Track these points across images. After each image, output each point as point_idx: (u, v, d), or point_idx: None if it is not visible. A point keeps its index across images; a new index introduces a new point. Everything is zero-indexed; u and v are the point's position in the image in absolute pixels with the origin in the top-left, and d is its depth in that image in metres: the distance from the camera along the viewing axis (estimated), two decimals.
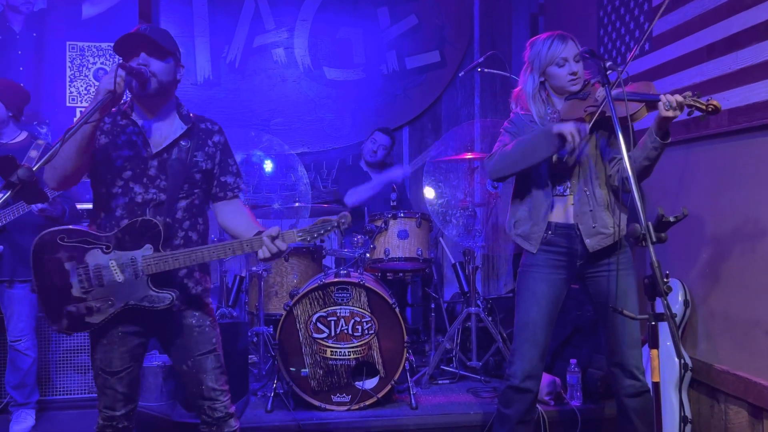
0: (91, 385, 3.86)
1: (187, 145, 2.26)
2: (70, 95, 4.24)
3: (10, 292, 3.47)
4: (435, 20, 5.28)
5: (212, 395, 2.31)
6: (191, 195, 2.29)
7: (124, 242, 2.16)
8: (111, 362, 2.23)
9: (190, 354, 2.30)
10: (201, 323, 2.31)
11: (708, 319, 3.12)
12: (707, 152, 3.12)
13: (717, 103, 2.19)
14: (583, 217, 2.55)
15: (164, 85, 2.20)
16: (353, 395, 3.37)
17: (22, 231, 3.44)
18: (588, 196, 2.55)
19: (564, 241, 2.58)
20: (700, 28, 3.10)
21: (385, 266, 3.89)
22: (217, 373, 2.32)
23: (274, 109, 5.07)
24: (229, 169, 2.37)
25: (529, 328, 2.61)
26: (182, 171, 2.24)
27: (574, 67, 2.54)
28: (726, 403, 2.97)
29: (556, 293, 2.62)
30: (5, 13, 4.20)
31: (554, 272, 2.61)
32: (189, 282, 2.30)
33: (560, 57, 2.54)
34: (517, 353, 2.63)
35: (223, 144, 2.36)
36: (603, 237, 2.54)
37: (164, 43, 2.19)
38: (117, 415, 2.27)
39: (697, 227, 3.15)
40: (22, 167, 1.73)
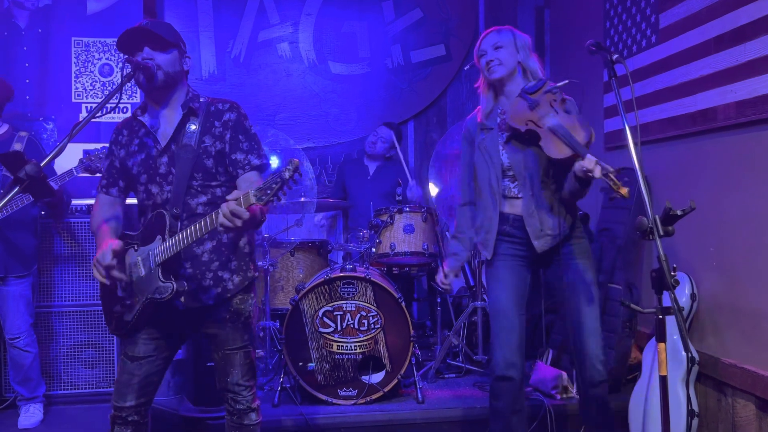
0: (99, 380, 3.89)
1: (196, 129, 2.25)
2: (75, 91, 4.24)
3: (4, 289, 3.48)
4: (440, 13, 5.26)
5: (235, 389, 2.33)
6: (209, 188, 2.26)
7: (146, 238, 2.23)
8: (135, 347, 2.28)
9: (221, 347, 2.32)
10: (235, 319, 2.31)
11: (715, 312, 3.11)
12: (715, 145, 3.11)
13: (625, 192, 2.16)
14: (530, 220, 2.60)
15: (170, 75, 2.22)
16: (360, 389, 3.37)
17: (14, 228, 3.46)
18: (532, 199, 2.59)
19: (520, 233, 2.64)
20: (708, 20, 3.08)
21: (391, 261, 3.89)
22: (244, 369, 2.34)
23: (279, 104, 5.07)
24: (239, 146, 2.27)
25: (501, 315, 2.66)
26: (190, 159, 2.22)
27: (489, 56, 2.63)
28: (733, 396, 2.96)
29: (520, 279, 2.68)
30: (11, 9, 4.20)
31: (515, 260, 2.68)
32: (224, 273, 2.29)
33: (480, 50, 2.67)
34: (495, 343, 2.67)
35: (234, 121, 2.28)
36: (550, 238, 2.59)
37: (166, 35, 2.20)
38: (126, 406, 2.27)
39: (705, 220, 3.14)
40: (30, 163, 1.74)
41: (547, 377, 3.41)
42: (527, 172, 2.58)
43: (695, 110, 3.18)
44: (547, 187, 2.58)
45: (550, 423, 3.22)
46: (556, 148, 2.37)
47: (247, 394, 2.35)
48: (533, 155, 2.56)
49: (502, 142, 2.63)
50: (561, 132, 2.37)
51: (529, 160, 2.57)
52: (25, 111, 4.15)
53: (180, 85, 2.29)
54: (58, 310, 3.85)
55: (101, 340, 3.90)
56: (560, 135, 2.37)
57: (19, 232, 3.50)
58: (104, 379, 3.89)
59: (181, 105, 2.28)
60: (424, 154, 5.26)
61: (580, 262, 2.63)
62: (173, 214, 2.19)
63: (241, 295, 2.32)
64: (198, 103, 2.29)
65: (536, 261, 2.71)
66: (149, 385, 2.31)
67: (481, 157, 2.67)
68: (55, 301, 3.83)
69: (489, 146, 2.65)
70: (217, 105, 2.32)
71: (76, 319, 3.89)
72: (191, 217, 2.22)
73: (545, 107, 2.49)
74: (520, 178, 2.60)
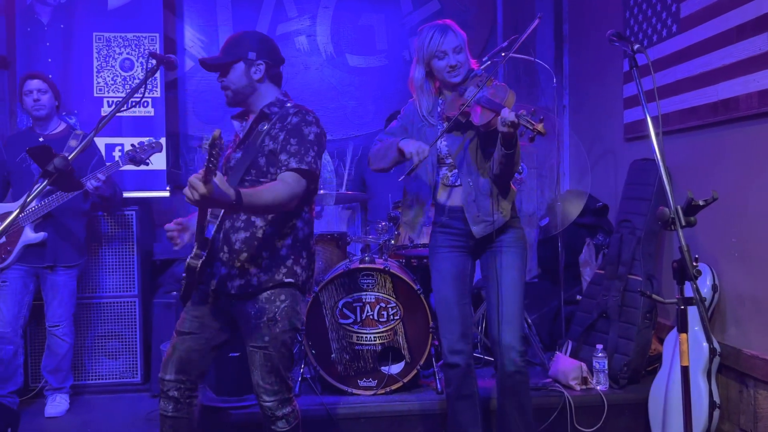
0: (122, 371, 3.95)
1: (264, 131, 2.33)
2: (97, 86, 4.29)
3: (52, 278, 3.57)
4: (457, 5, 5.24)
5: (258, 390, 2.36)
6: (258, 183, 2.28)
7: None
8: (184, 323, 2.40)
9: (245, 342, 2.37)
10: (259, 316, 2.31)
11: (737, 304, 3.09)
12: (736, 135, 3.08)
13: (541, 128, 2.28)
14: (469, 206, 2.65)
15: (240, 92, 2.38)
16: (379, 380, 3.40)
17: (67, 217, 3.55)
18: (471, 187, 2.65)
19: (458, 223, 2.70)
20: (730, 9, 3.04)
21: (410, 253, 3.90)
22: (264, 371, 2.32)
23: (297, 97, 4.98)
24: (287, 147, 2.27)
25: (442, 305, 2.75)
26: (249, 155, 2.32)
27: (453, 60, 2.59)
28: (755, 388, 2.94)
29: (460, 269, 2.75)
30: (33, 6, 4.26)
31: (454, 251, 2.75)
32: (251, 268, 2.30)
33: (439, 50, 2.59)
34: (440, 332, 2.77)
35: (294, 125, 2.29)
36: (487, 224, 2.66)
37: (220, 59, 2.36)
38: (166, 379, 2.37)
39: (726, 211, 3.11)
40: (59, 156, 1.78)
41: (567, 368, 3.41)
42: (466, 159, 2.65)
43: (717, 100, 3.15)
44: (485, 174, 2.64)
45: (570, 414, 3.23)
46: (482, 116, 2.48)
47: (269, 398, 2.33)
48: (472, 143, 2.63)
49: (441, 130, 2.65)
50: (483, 101, 2.48)
51: (469, 148, 2.64)
52: None
53: (256, 93, 2.40)
54: (83, 302, 3.91)
55: (125, 332, 3.97)
56: (483, 103, 2.48)
57: (72, 223, 3.59)
58: (128, 369, 3.96)
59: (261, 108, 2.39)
60: None
61: (512, 249, 2.70)
62: None
63: (267, 294, 2.32)
64: (277, 107, 2.37)
65: (475, 250, 2.77)
66: (190, 362, 2.37)
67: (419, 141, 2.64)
68: (81, 293, 3.89)
69: (428, 135, 2.69)
70: (289, 110, 2.37)
71: (101, 311, 3.96)
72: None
73: (472, 89, 2.58)
74: (460, 165, 2.66)
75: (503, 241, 2.70)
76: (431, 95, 2.73)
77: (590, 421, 3.25)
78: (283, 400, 2.35)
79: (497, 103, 2.43)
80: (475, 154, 2.65)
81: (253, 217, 2.31)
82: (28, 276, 3.54)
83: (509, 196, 2.71)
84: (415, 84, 2.72)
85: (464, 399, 2.74)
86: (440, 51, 2.59)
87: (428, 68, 2.67)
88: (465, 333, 2.72)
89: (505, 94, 2.48)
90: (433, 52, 2.61)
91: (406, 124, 2.78)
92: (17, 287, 3.49)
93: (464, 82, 2.64)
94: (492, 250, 2.72)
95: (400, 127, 2.80)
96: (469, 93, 2.58)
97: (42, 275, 3.57)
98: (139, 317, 3.98)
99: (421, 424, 3.28)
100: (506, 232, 2.71)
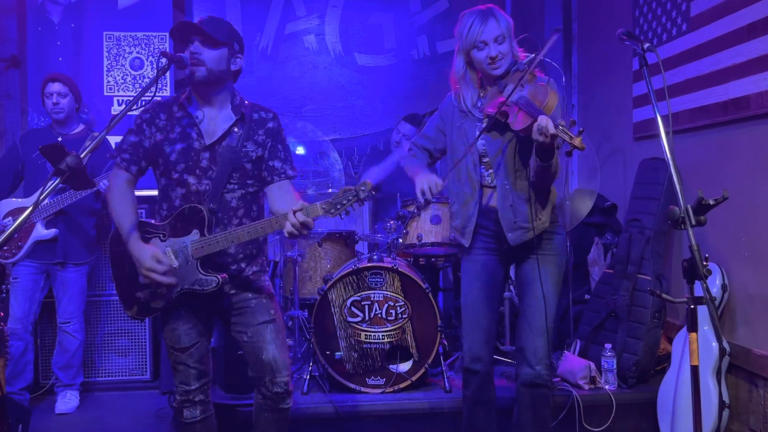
0: (132, 368, 3.98)
1: (239, 133, 2.31)
2: (107, 84, 4.32)
3: (63, 275, 3.60)
4: (466, 3, 5.17)
5: (273, 366, 2.34)
6: (245, 185, 2.34)
7: (176, 229, 2.27)
8: (179, 339, 2.36)
9: (249, 324, 2.37)
10: (257, 297, 2.39)
11: (747, 303, 3.07)
12: (747, 133, 3.06)
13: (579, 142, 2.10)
14: (504, 211, 2.52)
15: (214, 73, 2.28)
16: (388, 378, 3.41)
17: (78, 215, 3.59)
18: (508, 191, 2.51)
19: (492, 225, 2.58)
20: (741, 7, 3.03)
21: (418, 251, 3.90)
22: (277, 343, 2.36)
23: (306, 96, 5.11)
24: (277, 154, 2.38)
25: (469, 309, 2.64)
26: (231, 160, 2.30)
27: (494, 51, 2.41)
28: (765, 388, 2.93)
29: (491, 273, 2.63)
30: (44, 5, 4.29)
31: (487, 254, 2.63)
32: (243, 264, 2.37)
33: (479, 40, 2.41)
34: (463, 336, 2.67)
35: (275, 130, 2.39)
36: (523, 232, 2.52)
37: (216, 34, 2.26)
38: (191, 389, 2.39)
39: (736, 211, 3.10)
40: (71, 155, 1.79)
41: (575, 368, 3.41)
42: (504, 162, 2.50)
43: (727, 99, 3.13)
44: (522, 178, 2.49)
45: (578, 413, 3.22)
46: (521, 121, 2.29)
47: (286, 372, 2.37)
48: (510, 144, 2.48)
49: (481, 129, 2.49)
50: (522, 103, 2.30)
51: (506, 149, 2.49)
52: None
53: (226, 85, 2.35)
54: (93, 299, 3.94)
55: (134, 329, 3.99)
56: (521, 105, 2.29)
57: (82, 221, 3.62)
58: (137, 367, 3.98)
59: (232, 109, 2.35)
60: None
61: (549, 258, 2.58)
62: (210, 209, 2.26)
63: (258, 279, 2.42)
64: (244, 108, 2.37)
65: (510, 255, 2.65)
66: (205, 364, 2.42)
67: (460, 140, 2.58)
68: (91, 291, 3.92)
69: (468, 130, 2.55)
70: (260, 113, 2.40)
71: (110, 309, 3.98)
72: (226, 209, 2.31)
73: (513, 86, 2.39)
74: (497, 168, 2.52)
75: (541, 248, 2.56)
76: (474, 87, 2.54)
77: (599, 421, 3.25)
78: (291, 373, 2.42)
79: (536, 108, 2.26)
80: (513, 158, 2.49)
81: (245, 220, 2.34)
82: (38, 273, 3.57)
83: (549, 201, 2.55)
84: (457, 75, 2.54)
85: (482, 404, 2.68)
86: (480, 41, 2.40)
87: (468, 58, 2.49)
88: (489, 340, 2.63)
89: (545, 96, 2.30)
90: (473, 42, 2.41)
91: (442, 125, 2.67)
92: (28, 284, 3.52)
93: (506, 75, 2.45)
94: (529, 258, 2.58)
95: (435, 128, 2.70)
96: (508, 90, 2.38)
97: (52, 272, 3.60)
98: None
99: (429, 423, 3.28)
100: (544, 239, 2.56)
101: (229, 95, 2.36)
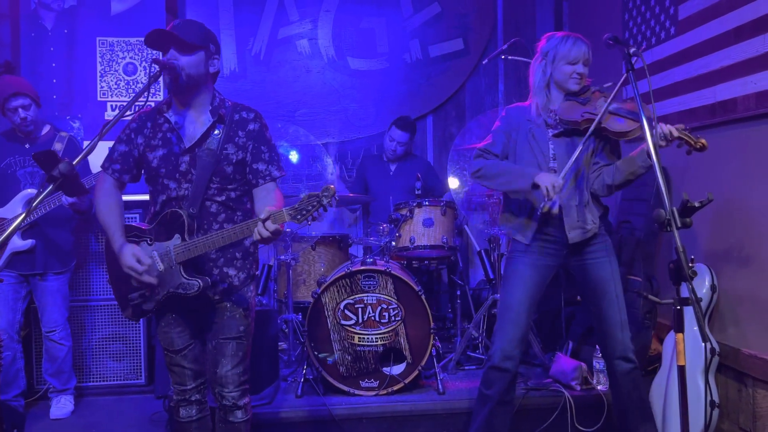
0: (126, 372, 3.98)
1: (219, 135, 2.31)
2: (100, 90, 4.33)
3: (43, 285, 3.58)
4: (458, 8, 5.27)
5: (222, 381, 2.37)
6: (225, 190, 2.33)
7: (160, 234, 2.30)
8: (172, 342, 2.40)
9: (215, 336, 2.39)
10: (234, 310, 2.39)
11: (735, 304, 3.11)
12: (734, 136, 3.10)
13: (704, 141, 2.38)
14: (569, 211, 2.69)
15: (193, 77, 2.26)
16: (381, 380, 3.43)
17: (53, 225, 3.55)
18: (575, 192, 2.70)
19: (553, 230, 2.73)
20: (728, 11, 3.07)
21: (411, 254, 3.93)
22: (235, 361, 2.37)
23: (299, 100, 5.12)
24: (261, 156, 2.36)
25: (512, 309, 2.74)
26: (211, 163, 2.29)
27: (580, 69, 2.70)
28: (754, 387, 2.96)
29: (541, 278, 2.77)
30: (37, 11, 4.30)
31: (541, 258, 2.76)
32: (229, 270, 2.38)
33: (573, 56, 2.69)
34: (498, 333, 2.75)
35: (257, 132, 2.36)
36: (583, 231, 2.70)
37: (191, 38, 2.23)
38: (188, 389, 2.43)
39: (725, 212, 3.14)
40: (64, 162, 1.81)
41: (567, 368, 3.43)
42: (575, 165, 2.67)
43: (715, 102, 3.17)
44: (585, 181, 2.70)
45: (570, 414, 3.25)
46: (622, 125, 2.56)
47: (235, 389, 2.38)
48: (578, 149, 2.63)
49: (551, 136, 2.73)
50: (623, 111, 2.58)
51: (574, 154, 2.63)
52: (51, 110, 4.24)
53: (204, 87, 2.32)
54: (87, 304, 3.95)
55: (129, 334, 4.00)
56: (622, 113, 2.58)
57: (58, 230, 3.60)
58: (132, 371, 3.99)
59: (210, 111, 2.33)
60: (442, 148, 5.28)
61: (611, 258, 2.75)
62: (189, 213, 2.27)
63: (244, 288, 2.42)
64: (224, 108, 2.35)
65: (565, 258, 2.78)
66: (200, 365, 2.45)
67: (528, 144, 2.74)
68: (84, 296, 3.93)
69: (538, 137, 2.74)
70: (242, 113, 2.37)
71: (104, 313, 3.99)
72: (206, 215, 2.32)
73: (598, 100, 2.67)
74: (562, 169, 2.65)
75: (602, 249, 2.74)
76: (547, 96, 2.76)
77: (590, 421, 3.27)
78: (245, 390, 2.43)
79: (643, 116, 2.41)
80: (585, 162, 2.71)
81: (226, 225, 2.32)
82: (18, 283, 3.54)
83: (602, 206, 2.78)
84: (536, 83, 2.77)
85: (505, 405, 2.77)
86: (574, 57, 2.68)
87: (551, 69, 2.73)
88: (522, 341, 2.74)
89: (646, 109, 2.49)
90: (565, 56, 2.68)
91: (510, 130, 2.79)
92: (9, 295, 3.50)
93: (581, 95, 2.72)
94: (593, 260, 2.74)
95: (503, 133, 2.80)
96: (598, 103, 2.65)
97: (33, 282, 3.58)
98: (143, 319, 4.01)
99: (423, 425, 3.31)
100: (599, 240, 2.75)
101: (208, 97, 2.34)
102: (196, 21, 2.33)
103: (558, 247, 2.74)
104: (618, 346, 2.71)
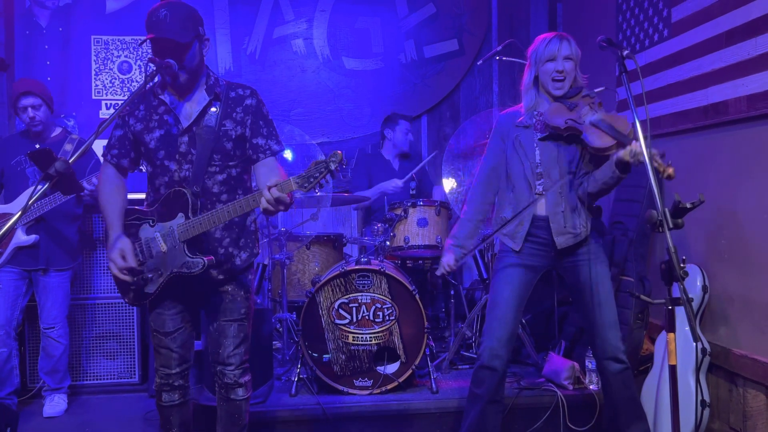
0: (120, 371, 3.98)
1: (216, 112, 2.32)
2: (95, 88, 4.33)
3: (45, 280, 3.59)
4: (453, 9, 5.29)
5: (225, 361, 2.43)
6: (226, 167, 2.35)
7: (163, 214, 2.32)
8: (164, 324, 2.42)
9: (216, 318, 2.43)
10: (235, 293, 2.43)
11: (727, 304, 3.13)
12: (726, 138, 3.13)
13: (672, 171, 2.29)
14: (555, 217, 2.71)
15: (193, 71, 2.29)
16: (375, 380, 3.44)
17: (59, 221, 3.57)
18: (561, 198, 2.70)
19: (541, 233, 2.75)
20: (720, 14, 3.09)
21: (405, 254, 3.94)
22: (237, 341, 2.43)
23: (294, 100, 5.13)
24: (259, 131, 2.38)
25: (499, 307, 2.76)
26: (210, 141, 2.30)
27: (560, 66, 2.67)
28: (744, 387, 2.99)
29: (528, 279, 2.80)
30: (32, 9, 4.30)
31: (530, 259, 2.79)
32: (233, 249, 2.41)
33: (549, 52, 2.69)
34: (486, 333, 2.78)
35: (254, 107, 2.38)
36: (571, 236, 2.72)
37: (185, 36, 2.21)
38: (172, 373, 2.46)
39: (717, 213, 3.16)
40: (59, 160, 1.82)
41: (560, 368, 3.45)
42: (561, 170, 2.69)
43: (707, 104, 3.20)
44: (573, 186, 2.70)
45: (563, 413, 3.27)
46: (599, 139, 2.53)
47: (236, 368, 2.45)
48: (564, 154, 2.68)
49: (537, 140, 2.73)
50: (603, 125, 2.54)
51: (561, 159, 2.69)
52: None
53: (200, 71, 2.35)
54: (81, 302, 3.95)
55: (123, 332, 4.00)
56: (602, 127, 2.54)
57: (64, 226, 3.61)
58: (126, 370, 3.99)
59: (205, 89, 2.34)
60: (437, 149, 5.29)
61: (600, 259, 2.76)
62: (193, 192, 2.29)
63: (245, 271, 2.46)
64: (219, 87, 2.36)
65: (553, 260, 2.80)
66: (187, 351, 2.49)
67: (515, 154, 2.76)
68: (78, 294, 3.93)
69: (524, 142, 2.75)
70: (237, 90, 2.39)
71: (98, 312, 3.99)
72: (208, 194, 2.33)
73: (583, 108, 2.64)
74: (547, 176, 2.70)
75: (590, 252, 2.75)
76: (533, 96, 2.77)
77: (583, 420, 3.29)
78: (246, 368, 2.49)
79: (623, 134, 2.48)
80: (567, 166, 2.71)
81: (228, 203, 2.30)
82: (20, 279, 3.55)
83: (590, 210, 2.78)
84: (525, 85, 2.79)
85: (495, 404, 2.79)
86: (549, 53, 2.68)
87: (537, 72, 2.74)
88: (510, 341, 2.76)
89: (627, 126, 2.52)
90: (544, 54, 2.69)
91: (502, 138, 2.83)
92: (10, 290, 3.51)
93: (570, 98, 2.69)
94: (582, 262, 2.75)
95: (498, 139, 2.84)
96: (582, 111, 2.63)
97: (35, 278, 3.59)
98: (137, 318, 4.01)
99: (416, 424, 3.32)
100: (589, 243, 2.75)
101: (203, 77, 2.36)
102: (176, 6, 2.23)
103: (547, 250, 2.77)
104: (608, 347, 2.72)
